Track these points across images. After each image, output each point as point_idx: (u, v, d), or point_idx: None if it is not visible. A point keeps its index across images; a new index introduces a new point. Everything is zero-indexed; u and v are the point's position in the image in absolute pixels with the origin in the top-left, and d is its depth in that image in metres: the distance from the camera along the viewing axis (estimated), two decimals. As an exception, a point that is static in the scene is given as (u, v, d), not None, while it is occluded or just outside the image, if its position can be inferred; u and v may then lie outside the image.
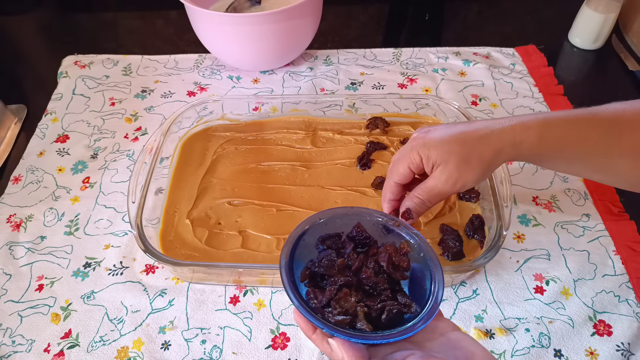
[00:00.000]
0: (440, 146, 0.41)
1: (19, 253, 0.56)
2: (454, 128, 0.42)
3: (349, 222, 0.38)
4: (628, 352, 0.47)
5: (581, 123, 0.40)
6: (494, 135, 0.40)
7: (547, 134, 0.40)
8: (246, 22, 0.67)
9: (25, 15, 0.94)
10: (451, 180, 0.41)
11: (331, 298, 0.33)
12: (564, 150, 0.41)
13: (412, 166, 0.42)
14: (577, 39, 0.81)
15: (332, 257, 0.36)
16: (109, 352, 0.48)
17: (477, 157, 0.40)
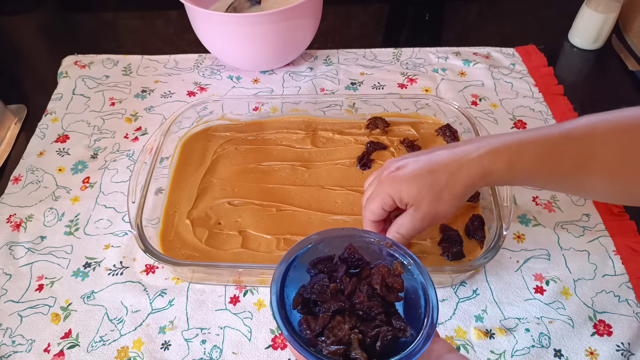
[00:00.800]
0: (411, 187, 0.41)
1: (19, 253, 0.56)
2: (422, 163, 0.42)
3: (341, 244, 0.38)
4: (628, 352, 0.47)
5: (552, 147, 0.40)
6: (463, 171, 0.41)
7: (516, 162, 0.40)
8: (246, 22, 0.67)
9: (25, 15, 0.94)
10: (426, 218, 0.42)
11: (324, 326, 0.33)
12: (534, 176, 0.41)
13: (386, 207, 0.43)
14: (577, 39, 0.81)
15: (324, 282, 0.35)
16: (109, 352, 0.48)
17: (449, 193, 0.41)
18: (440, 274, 0.49)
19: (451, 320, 0.50)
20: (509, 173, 0.40)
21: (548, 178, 0.41)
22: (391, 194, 0.42)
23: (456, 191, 0.41)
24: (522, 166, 0.40)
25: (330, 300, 0.34)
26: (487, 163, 0.40)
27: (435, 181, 0.41)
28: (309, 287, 0.35)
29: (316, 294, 0.34)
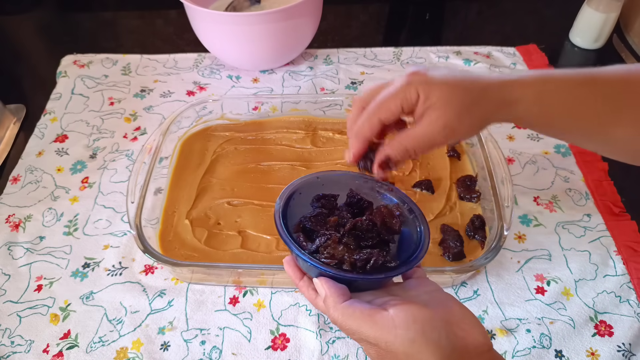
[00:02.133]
0: (443, 87, 0.36)
1: (17, 253, 0.56)
2: (457, 72, 0.38)
3: (345, 185, 0.39)
4: (629, 353, 0.47)
5: (582, 87, 0.37)
6: (494, 88, 0.37)
7: (545, 95, 0.37)
8: (246, 21, 0.67)
9: (25, 15, 0.93)
10: (448, 128, 0.36)
11: (320, 245, 0.34)
12: (560, 115, 0.38)
13: (405, 104, 0.36)
14: (578, 38, 0.81)
15: (323, 213, 0.37)
16: (108, 352, 0.48)
17: (479, 107, 0.36)
18: (441, 274, 0.48)
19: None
20: (535, 105, 0.37)
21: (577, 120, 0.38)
22: (419, 88, 0.36)
23: (486, 108, 0.37)
24: (550, 101, 0.37)
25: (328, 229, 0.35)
26: (517, 88, 0.37)
27: (468, 92, 0.36)
28: (309, 216, 0.36)
29: (315, 224, 0.36)
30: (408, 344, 0.30)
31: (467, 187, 0.58)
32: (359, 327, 0.31)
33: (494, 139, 0.57)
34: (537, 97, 0.37)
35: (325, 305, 0.33)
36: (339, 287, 0.33)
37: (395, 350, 0.30)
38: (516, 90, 0.37)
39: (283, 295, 0.52)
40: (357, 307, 0.32)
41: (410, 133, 0.37)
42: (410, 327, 0.30)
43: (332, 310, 0.32)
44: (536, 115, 0.38)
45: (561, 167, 0.63)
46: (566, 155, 0.64)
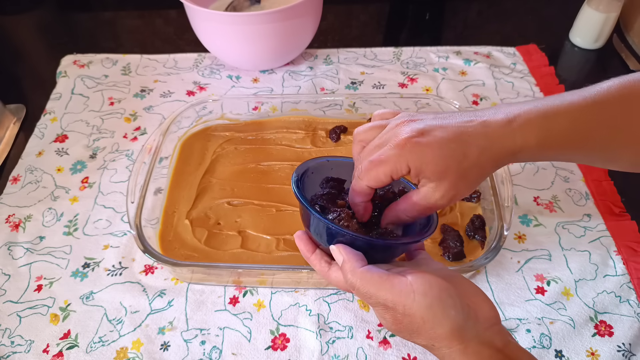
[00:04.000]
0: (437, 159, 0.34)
1: (17, 253, 0.56)
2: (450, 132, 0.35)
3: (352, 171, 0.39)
4: (629, 353, 0.47)
5: (583, 118, 0.36)
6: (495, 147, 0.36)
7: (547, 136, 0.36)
8: (246, 21, 0.67)
9: (24, 15, 0.93)
10: (446, 197, 0.35)
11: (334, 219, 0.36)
12: (564, 150, 0.37)
13: (395, 174, 0.35)
14: (578, 38, 0.81)
15: (333, 195, 0.38)
16: (108, 352, 0.48)
17: (477, 171, 0.36)
18: (441, 274, 0.48)
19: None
20: (538, 149, 0.36)
21: (579, 150, 0.38)
22: (410, 162, 0.34)
23: (484, 170, 0.36)
24: (554, 140, 0.36)
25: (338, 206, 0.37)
26: (519, 139, 0.35)
27: (465, 156, 0.35)
28: (320, 194, 0.38)
29: (326, 202, 0.37)
30: (425, 309, 0.31)
31: (467, 187, 0.58)
32: (378, 290, 0.32)
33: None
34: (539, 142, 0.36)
35: (343, 271, 0.34)
36: (356, 252, 0.34)
37: (413, 314, 0.31)
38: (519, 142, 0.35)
39: (283, 296, 0.52)
40: (376, 272, 0.33)
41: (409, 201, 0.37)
42: (428, 293, 0.31)
43: (351, 275, 0.33)
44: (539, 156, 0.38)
45: (561, 167, 0.63)
46: (566, 155, 0.64)
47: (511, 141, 0.35)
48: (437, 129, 0.35)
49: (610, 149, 0.38)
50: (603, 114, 0.36)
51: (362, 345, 0.48)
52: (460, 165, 0.35)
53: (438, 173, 0.35)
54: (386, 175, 0.36)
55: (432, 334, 0.32)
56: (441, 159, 0.34)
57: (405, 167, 0.35)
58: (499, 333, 0.32)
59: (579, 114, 0.36)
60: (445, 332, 0.31)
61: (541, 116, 0.36)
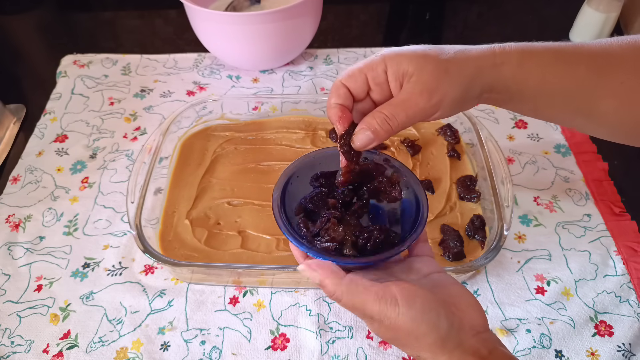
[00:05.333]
0: (415, 55, 0.34)
1: (17, 253, 0.56)
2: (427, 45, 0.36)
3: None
4: (629, 353, 0.47)
5: (566, 55, 0.36)
6: (472, 52, 0.35)
7: (528, 60, 0.35)
8: (245, 21, 0.67)
9: (24, 15, 0.93)
10: (426, 91, 0.33)
11: (320, 228, 0.35)
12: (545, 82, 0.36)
13: (370, 75, 0.34)
14: (578, 38, 0.81)
15: (323, 194, 0.37)
16: (108, 352, 0.48)
17: (457, 67, 0.34)
18: (441, 274, 0.48)
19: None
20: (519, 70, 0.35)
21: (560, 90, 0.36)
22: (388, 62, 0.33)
23: (466, 69, 0.34)
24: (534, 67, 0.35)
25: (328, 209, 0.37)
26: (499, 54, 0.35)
27: (443, 52, 0.35)
28: (308, 197, 0.37)
29: (315, 204, 0.37)
30: (410, 322, 0.31)
31: (467, 187, 0.58)
32: (364, 303, 0.32)
33: (494, 139, 0.57)
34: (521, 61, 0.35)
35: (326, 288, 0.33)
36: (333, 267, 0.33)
37: (398, 327, 0.32)
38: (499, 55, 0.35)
39: (283, 296, 0.52)
40: (360, 283, 0.32)
41: (390, 101, 0.34)
42: (412, 306, 0.31)
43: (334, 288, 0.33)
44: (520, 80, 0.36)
45: (561, 167, 0.63)
46: (566, 155, 0.64)
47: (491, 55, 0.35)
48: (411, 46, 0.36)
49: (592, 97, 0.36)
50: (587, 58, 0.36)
51: (362, 345, 0.48)
52: (439, 59, 0.34)
53: (417, 64, 0.33)
54: (361, 77, 0.34)
55: (417, 345, 0.32)
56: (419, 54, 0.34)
57: (381, 64, 0.34)
58: (485, 341, 0.32)
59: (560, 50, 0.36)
60: (429, 343, 0.31)
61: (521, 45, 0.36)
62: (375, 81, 0.34)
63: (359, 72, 0.34)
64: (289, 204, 0.38)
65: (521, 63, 0.35)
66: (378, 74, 0.34)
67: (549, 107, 0.38)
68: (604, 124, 0.38)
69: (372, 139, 0.34)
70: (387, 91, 0.35)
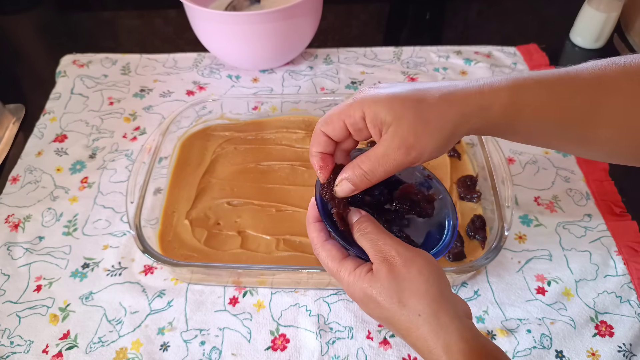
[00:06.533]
0: (392, 102, 0.32)
1: (17, 253, 0.56)
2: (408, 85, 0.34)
3: None
4: (630, 353, 0.47)
5: (559, 86, 0.34)
6: (457, 95, 0.33)
7: (520, 96, 0.33)
8: (245, 20, 0.67)
9: (24, 15, 0.93)
10: (404, 146, 0.32)
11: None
12: (538, 117, 0.34)
13: (349, 120, 0.33)
14: (578, 38, 0.81)
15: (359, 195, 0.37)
16: (108, 353, 0.48)
17: (438, 117, 0.32)
18: (441, 274, 0.48)
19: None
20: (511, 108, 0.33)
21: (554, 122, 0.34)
22: (365, 108, 0.32)
23: (448, 118, 0.32)
24: (526, 103, 0.33)
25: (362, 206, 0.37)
26: (487, 93, 0.33)
27: (424, 99, 0.32)
28: None
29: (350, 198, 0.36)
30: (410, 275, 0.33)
31: (468, 187, 0.58)
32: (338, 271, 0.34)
33: (494, 139, 0.57)
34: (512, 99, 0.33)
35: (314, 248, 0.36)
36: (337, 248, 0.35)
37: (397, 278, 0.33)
38: (487, 95, 0.33)
39: (283, 296, 0.52)
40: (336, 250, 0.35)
41: (369, 154, 0.34)
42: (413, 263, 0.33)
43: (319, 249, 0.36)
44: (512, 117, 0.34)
45: (562, 167, 0.63)
46: (567, 155, 0.64)
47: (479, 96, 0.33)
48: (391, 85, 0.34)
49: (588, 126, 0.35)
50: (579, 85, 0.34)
51: (362, 346, 0.48)
52: (418, 106, 0.32)
53: (395, 114, 0.32)
54: (339, 122, 0.34)
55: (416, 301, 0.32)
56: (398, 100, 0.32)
57: (359, 112, 0.33)
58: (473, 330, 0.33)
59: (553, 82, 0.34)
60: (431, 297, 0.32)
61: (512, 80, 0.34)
62: (354, 127, 0.34)
63: (337, 119, 0.34)
64: None
65: (512, 101, 0.33)
66: (356, 121, 0.33)
67: (543, 138, 0.36)
68: (601, 150, 0.37)
69: (353, 190, 0.35)
70: (368, 134, 0.35)
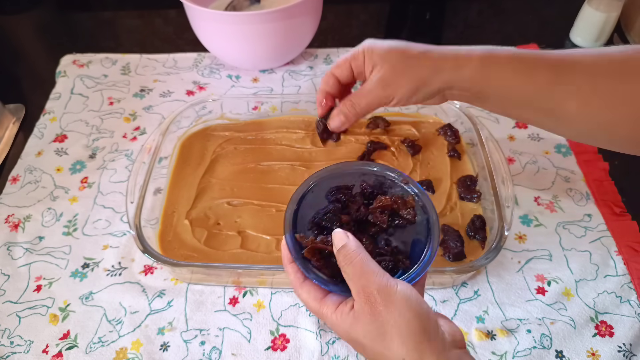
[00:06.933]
0: (384, 48, 0.41)
1: (17, 253, 0.56)
2: (403, 42, 0.42)
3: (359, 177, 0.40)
4: (630, 353, 0.47)
5: (526, 61, 0.39)
6: (434, 53, 0.41)
7: (488, 65, 0.39)
8: (245, 20, 0.67)
9: (24, 15, 0.93)
10: (382, 82, 0.41)
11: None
12: (505, 86, 0.39)
13: (354, 63, 0.42)
14: (578, 38, 0.81)
15: (337, 210, 0.37)
16: (108, 353, 0.48)
17: (415, 65, 0.41)
18: (441, 274, 0.48)
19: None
20: (481, 74, 0.39)
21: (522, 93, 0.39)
22: (365, 52, 0.42)
23: (421, 71, 0.40)
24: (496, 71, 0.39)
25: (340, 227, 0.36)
26: (461, 57, 0.40)
27: (407, 51, 0.41)
28: (322, 212, 0.37)
29: (328, 221, 0.37)
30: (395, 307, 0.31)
31: (468, 187, 0.58)
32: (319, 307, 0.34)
33: (494, 139, 0.57)
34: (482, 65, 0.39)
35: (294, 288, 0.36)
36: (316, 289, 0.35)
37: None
38: (461, 58, 0.40)
39: (283, 296, 0.52)
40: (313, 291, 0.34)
41: (356, 91, 0.43)
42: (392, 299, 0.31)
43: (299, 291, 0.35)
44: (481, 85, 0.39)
45: (562, 167, 0.63)
46: (567, 155, 0.64)
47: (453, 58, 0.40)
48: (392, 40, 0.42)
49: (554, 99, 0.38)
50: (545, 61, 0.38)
51: (362, 346, 0.48)
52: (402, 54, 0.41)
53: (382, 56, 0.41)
54: (346, 62, 0.43)
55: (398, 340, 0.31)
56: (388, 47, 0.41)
57: (361, 55, 0.42)
58: None
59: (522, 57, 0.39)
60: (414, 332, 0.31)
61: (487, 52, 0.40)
62: (357, 70, 0.43)
63: (345, 61, 0.43)
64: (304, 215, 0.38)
65: (481, 67, 0.40)
66: (359, 63, 0.42)
67: (515, 108, 0.41)
68: (570, 125, 0.40)
69: (344, 121, 0.44)
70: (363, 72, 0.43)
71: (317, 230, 0.37)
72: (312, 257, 0.35)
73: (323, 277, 0.34)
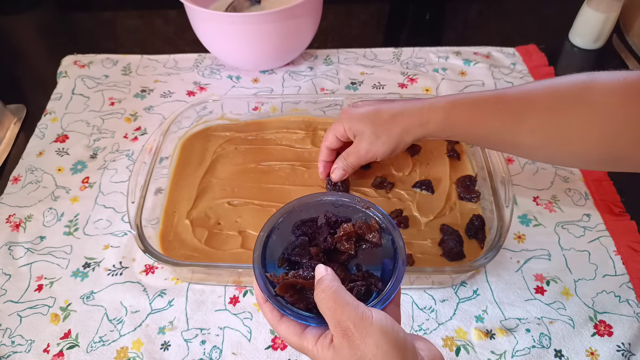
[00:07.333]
0: (359, 121, 0.50)
1: (18, 253, 0.56)
2: (374, 106, 0.50)
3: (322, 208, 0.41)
4: (629, 353, 0.47)
5: (486, 104, 0.44)
6: (403, 116, 0.48)
7: (452, 113, 0.45)
8: (246, 21, 0.67)
9: (24, 15, 0.93)
10: (363, 150, 0.50)
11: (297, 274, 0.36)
12: (469, 130, 0.46)
13: (338, 135, 0.52)
14: (577, 38, 0.81)
15: (304, 243, 0.38)
16: (109, 352, 0.48)
17: (386, 134, 0.48)
18: (441, 274, 0.49)
19: (452, 321, 0.50)
20: (444, 124, 0.46)
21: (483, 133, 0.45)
22: (345, 125, 0.51)
23: (393, 134, 0.48)
24: (457, 119, 0.45)
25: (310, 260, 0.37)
26: (426, 112, 0.47)
27: (378, 119, 0.49)
28: (290, 248, 0.38)
29: (297, 255, 0.37)
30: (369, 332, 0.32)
31: (467, 187, 0.58)
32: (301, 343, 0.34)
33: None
34: (445, 117, 0.46)
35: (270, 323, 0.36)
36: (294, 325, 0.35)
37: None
38: (425, 114, 0.47)
39: (283, 295, 0.52)
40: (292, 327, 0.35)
41: (347, 149, 0.52)
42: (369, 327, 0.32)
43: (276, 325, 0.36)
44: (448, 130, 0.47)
45: (561, 167, 0.63)
46: (566, 155, 0.64)
47: (418, 114, 0.47)
48: (366, 105, 0.51)
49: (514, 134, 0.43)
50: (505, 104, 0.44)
51: (362, 345, 0.48)
52: (374, 125, 0.49)
53: (359, 129, 0.50)
54: (333, 136, 0.53)
55: None
56: (361, 119, 0.50)
57: (342, 128, 0.51)
58: None
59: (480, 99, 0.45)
60: None
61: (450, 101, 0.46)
62: (343, 138, 0.53)
63: (332, 135, 0.53)
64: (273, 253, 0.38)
65: (446, 118, 0.46)
66: (342, 133, 0.52)
67: (482, 144, 0.51)
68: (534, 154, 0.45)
69: (342, 174, 0.54)
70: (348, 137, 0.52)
71: (288, 267, 0.37)
72: (285, 293, 0.35)
73: (299, 312, 0.34)
